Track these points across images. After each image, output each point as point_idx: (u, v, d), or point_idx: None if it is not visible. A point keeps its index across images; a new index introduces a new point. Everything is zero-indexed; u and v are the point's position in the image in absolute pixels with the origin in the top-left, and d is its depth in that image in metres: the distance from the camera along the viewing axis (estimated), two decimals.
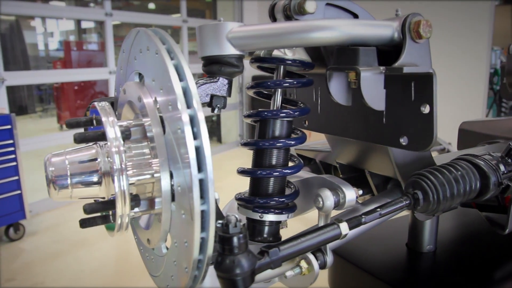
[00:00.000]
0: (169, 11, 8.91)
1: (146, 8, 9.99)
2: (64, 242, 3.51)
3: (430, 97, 0.72)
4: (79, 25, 10.83)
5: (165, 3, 9.84)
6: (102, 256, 3.24)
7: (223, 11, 7.01)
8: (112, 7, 4.73)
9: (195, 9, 8.66)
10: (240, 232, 0.59)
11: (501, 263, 1.02)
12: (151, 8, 9.92)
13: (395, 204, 0.73)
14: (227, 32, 0.71)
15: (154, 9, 9.97)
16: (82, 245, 3.40)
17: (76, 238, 3.51)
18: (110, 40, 4.76)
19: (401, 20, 0.74)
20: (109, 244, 3.38)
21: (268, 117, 0.79)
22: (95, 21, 5.38)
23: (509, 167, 0.88)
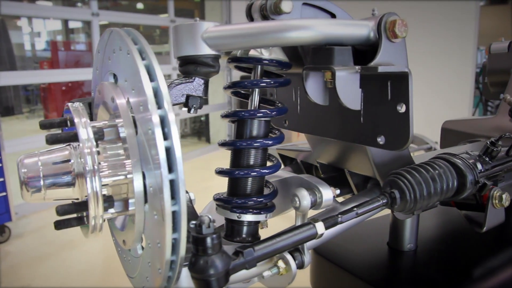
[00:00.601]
0: (157, 11, 8.88)
1: (134, 8, 9.95)
2: (51, 244, 3.48)
3: (406, 96, 0.72)
4: (67, 25, 10.76)
5: (153, 3, 9.81)
6: (89, 258, 3.22)
7: (211, 11, 7.00)
8: (100, 7, 4.70)
9: (184, 9, 8.64)
10: (213, 232, 0.59)
11: (480, 261, 1.02)
12: (139, 8, 9.89)
13: (372, 203, 0.73)
14: (202, 32, 0.70)
15: (142, 9, 9.93)
16: (69, 247, 3.38)
17: (63, 240, 3.48)
18: (97, 40, 4.72)
19: (377, 19, 0.74)
20: (96, 246, 3.36)
21: (245, 117, 0.78)
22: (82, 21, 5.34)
23: (486, 166, 0.89)
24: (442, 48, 5.45)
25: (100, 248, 3.36)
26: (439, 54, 5.50)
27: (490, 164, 0.90)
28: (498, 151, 0.90)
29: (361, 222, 0.90)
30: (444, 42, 5.43)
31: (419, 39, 5.66)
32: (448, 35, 5.39)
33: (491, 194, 0.88)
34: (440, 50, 5.47)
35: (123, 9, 9.53)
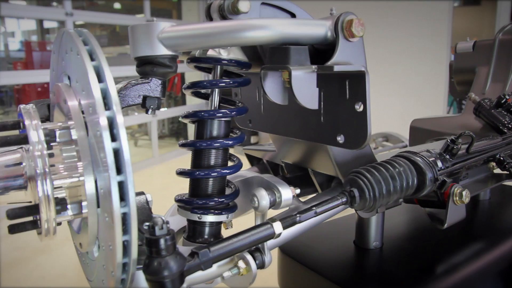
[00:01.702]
0: (135, 11, 8.80)
1: (111, 8, 9.84)
2: (25, 249, 3.42)
3: (363, 95, 0.72)
4: (42, 25, 10.59)
5: (131, 3, 9.71)
6: (64, 262, 3.17)
7: (187, 11, 6.97)
8: (75, 7, 4.64)
9: (162, 9, 8.58)
10: (167, 234, 0.58)
11: (444, 257, 1.04)
12: (117, 8, 9.79)
13: (331, 202, 0.74)
14: (158, 32, 0.70)
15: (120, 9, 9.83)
16: (43, 252, 3.33)
17: (37, 245, 3.42)
18: None
19: (334, 19, 0.74)
20: (71, 250, 3.31)
21: (205, 117, 0.78)
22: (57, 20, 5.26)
23: (446, 163, 0.90)
24: (416, 47, 5.51)
25: (75, 252, 3.31)
26: (413, 53, 5.56)
27: (451, 162, 0.91)
28: (458, 149, 0.91)
29: (324, 221, 0.90)
30: (418, 42, 5.50)
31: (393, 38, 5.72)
32: (422, 35, 5.46)
33: (451, 191, 0.89)
34: (415, 49, 5.54)
35: (100, 9, 9.42)
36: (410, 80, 5.71)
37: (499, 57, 1.43)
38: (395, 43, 5.74)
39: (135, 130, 7.84)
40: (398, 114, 5.40)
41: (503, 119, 1.22)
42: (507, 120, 1.21)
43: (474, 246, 1.11)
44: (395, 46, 5.76)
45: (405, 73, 5.74)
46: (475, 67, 1.50)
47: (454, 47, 1.58)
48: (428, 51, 5.45)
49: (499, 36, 1.44)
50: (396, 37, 5.68)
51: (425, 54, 5.48)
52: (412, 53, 5.61)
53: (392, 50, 5.81)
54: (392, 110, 5.63)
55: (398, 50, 5.72)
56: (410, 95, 5.69)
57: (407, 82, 5.75)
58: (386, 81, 5.92)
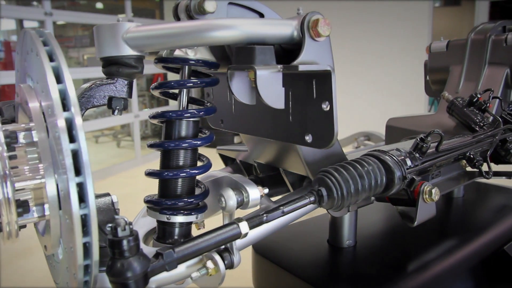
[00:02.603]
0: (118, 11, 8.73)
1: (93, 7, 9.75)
2: (4, 252, 3.37)
3: (329, 94, 0.72)
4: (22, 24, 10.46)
5: (113, 3, 9.63)
6: (45, 266, 3.13)
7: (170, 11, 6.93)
8: (56, 7, 4.59)
9: (145, 9, 8.53)
10: (130, 235, 0.58)
11: (416, 255, 1.05)
12: (99, 8, 9.70)
13: (298, 201, 0.74)
14: (123, 33, 0.70)
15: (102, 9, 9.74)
16: (23, 255, 3.28)
17: (17, 248, 3.38)
18: None
19: (300, 18, 0.75)
20: None
21: (172, 117, 0.78)
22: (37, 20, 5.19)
23: (416, 162, 0.91)
24: (397, 48, 5.57)
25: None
26: (395, 53, 5.62)
27: (420, 160, 0.92)
28: (427, 147, 0.92)
29: (296, 220, 0.91)
30: (399, 42, 5.55)
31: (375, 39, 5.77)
32: (403, 35, 5.51)
33: (421, 189, 0.90)
34: (396, 50, 5.59)
35: (81, 9, 9.33)
36: (392, 80, 5.76)
37: (471, 57, 1.45)
38: (377, 43, 5.78)
39: (117, 131, 7.80)
40: (380, 113, 5.44)
41: (474, 117, 1.23)
42: (478, 119, 1.22)
43: (446, 244, 1.12)
44: (377, 46, 5.80)
45: (387, 73, 5.79)
46: (449, 67, 1.52)
47: (429, 46, 1.60)
48: (409, 51, 5.50)
49: (471, 36, 1.46)
50: (377, 37, 5.73)
51: (406, 54, 5.53)
52: (393, 53, 5.67)
53: (374, 50, 5.86)
54: (374, 110, 5.68)
55: (380, 50, 5.77)
56: (392, 94, 5.74)
57: (389, 82, 5.80)
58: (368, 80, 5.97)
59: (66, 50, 7.96)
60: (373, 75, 5.96)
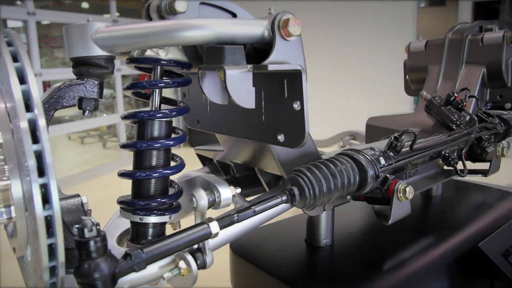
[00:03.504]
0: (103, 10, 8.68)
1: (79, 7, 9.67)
2: None
3: (300, 93, 0.73)
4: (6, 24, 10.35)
5: (99, 2, 9.56)
6: None
7: None
8: (40, 6, 4.55)
9: (131, 9, 8.49)
10: (97, 235, 0.58)
11: (393, 253, 1.05)
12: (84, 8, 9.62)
13: (270, 200, 0.74)
14: (92, 33, 0.69)
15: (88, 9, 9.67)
16: (6, 259, 3.25)
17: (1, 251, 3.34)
18: (34, 40, 4.58)
19: (271, 18, 0.75)
20: None
21: (145, 118, 0.78)
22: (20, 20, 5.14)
23: (390, 161, 0.91)
24: (383, 47, 5.61)
25: None
26: (380, 53, 5.66)
27: (395, 159, 0.93)
28: (401, 146, 0.93)
29: (271, 219, 0.91)
30: (385, 42, 5.60)
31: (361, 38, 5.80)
32: (388, 35, 5.56)
33: (395, 187, 0.90)
34: (382, 49, 5.63)
35: (66, 8, 9.25)
36: (377, 79, 5.80)
37: (449, 56, 1.47)
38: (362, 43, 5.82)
39: (103, 132, 7.75)
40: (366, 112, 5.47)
41: (451, 116, 1.24)
42: (455, 117, 1.24)
43: (423, 242, 1.13)
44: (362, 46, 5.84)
45: (372, 72, 5.82)
46: (427, 66, 1.53)
47: (408, 46, 1.61)
48: (394, 51, 5.53)
49: (448, 35, 1.48)
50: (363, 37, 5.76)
51: (391, 53, 5.57)
52: (379, 53, 5.71)
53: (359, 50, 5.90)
54: (360, 109, 5.71)
55: (366, 50, 5.81)
56: (378, 93, 5.78)
57: (374, 81, 5.84)
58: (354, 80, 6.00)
59: (52, 50, 7.88)
60: (359, 75, 5.99)
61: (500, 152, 1.25)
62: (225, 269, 1.15)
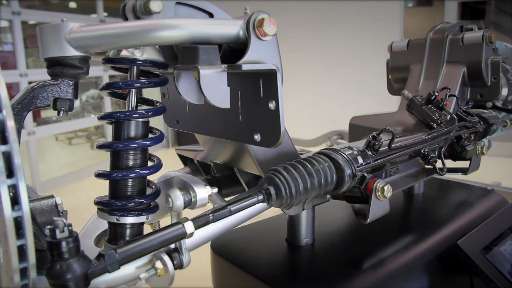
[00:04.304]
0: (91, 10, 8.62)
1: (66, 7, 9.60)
2: None
3: (275, 93, 0.73)
4: None
5: (87, 2, 9.50)
6: None
7: None
8: (27, 6, 4.51)
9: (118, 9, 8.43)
10: (69, 236, 0.58)
11: (373, 252, 1.06)
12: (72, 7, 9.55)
13: (246, 200, 0.74)
14: (66, 33, 0.69)
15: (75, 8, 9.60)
16: None
17: None
18: (20, 40, 4.55)
19: (246, 18, 0.75)
20: None
21: (121, 118, 0.77)
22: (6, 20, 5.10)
23: (368, 159, 0.92)
24: (370, 47, 5.64)
25: None
26: (368, 53, 5.69)
27: (373, 158, 0.93)
28: (379, 145, 0.94)
29: (249, 219, 0.91)
30: (372, 42, 5.62)
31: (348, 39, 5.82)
32: (375, 35, 5.59)
33: (374, 186, 0.91)
34: (369, 49, 5.66)
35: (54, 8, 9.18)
36: (365, 79, 5.82)
37: (430, 55, 1.48)
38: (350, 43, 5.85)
39: (91, 133, 7.71)
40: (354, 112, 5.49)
41: (432, 115, 1.25)
42: (436, 116, 1.25)
43: (404, 240, 1.14)
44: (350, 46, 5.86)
45: (360, 72, 5.85)
46: (409, 65, 1.54)
47: (390, 46, 1.62)
48: (382, 51, 5.55)
49: (430, 35, 1.49)
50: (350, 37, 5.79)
51: (379, 53, 5.59)
52: (367, 52, 5.74)
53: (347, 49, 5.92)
54: (348, 108, 5.73)
55: (354, 50, 5.83)
56: (365, 93, 5.81)
57: (362, 81, 5.86)
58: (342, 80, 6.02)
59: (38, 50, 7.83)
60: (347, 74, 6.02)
61: (480, 150, 1.27)
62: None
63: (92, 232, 0.90)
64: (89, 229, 0.90)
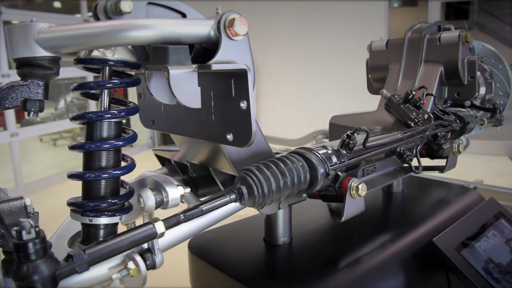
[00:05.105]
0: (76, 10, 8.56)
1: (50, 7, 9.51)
2: None
3: (246, 93, 0.73)
4: None
5: (72, 2, 9.42)
6: None
7: None
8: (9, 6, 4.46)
9: None
10: (35, 237, 0.57)
11: (350, 250, 1.07)
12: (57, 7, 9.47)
13: (218, 199, 0.74)
14: (34, 33, 0.69)
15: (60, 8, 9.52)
16: None
17: None
18: (1, 40, 4.49)
19: (217, 18, 0.75)
20: None
21: (93, 119, 0.77)
22: None
23: (342, 158, 0.92)
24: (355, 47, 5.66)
25: None
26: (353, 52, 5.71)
27: (348, 156, 0.94)
28: (354, 144, 0.94)
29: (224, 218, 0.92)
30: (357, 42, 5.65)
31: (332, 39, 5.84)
32: (360, 34, 5.62)
33: (348, 185, 0.92)
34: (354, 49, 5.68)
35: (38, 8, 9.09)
36: (350, 78, 5.85)
37: (408, 55, 1.49)
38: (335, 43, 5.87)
39: (76, 134, 7.65)
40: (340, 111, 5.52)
41: (410, 114, 1.27)
42: (413, 115, 1.26)
43: (381, 238, 1.14)
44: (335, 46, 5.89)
45: (346, 71, 5.88)
46: (388, 64, 1.56)
47: (369, 45, 1.64)
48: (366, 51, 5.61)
49: (408, 35, 1.50)
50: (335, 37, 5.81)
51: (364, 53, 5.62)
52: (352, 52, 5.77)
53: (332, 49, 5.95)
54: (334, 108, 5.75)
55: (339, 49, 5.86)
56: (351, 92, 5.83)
57: (347, 80, 5.89)
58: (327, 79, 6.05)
59: None
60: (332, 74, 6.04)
61: (457, 148, 1.28)
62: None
63: (67, 233, 0.89)
64: (64, 230, 0.89)
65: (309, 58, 6.28)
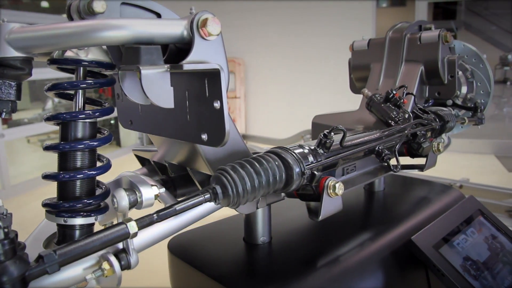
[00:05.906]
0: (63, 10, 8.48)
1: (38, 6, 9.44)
2: None
3: (219, 93, 0.73)
4: None
5: (61, 2, 9.35)
6: None
7: None
8: None
9: None
10: (4, 238, 0.57)
11: (330, 249, 1.07)
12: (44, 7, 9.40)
13: (193, 199, 0.74)
14: (5, 34, 0.68)
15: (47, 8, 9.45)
16: None
17: None
18: None
19: (190, 18, 0.75)
20: None
21: (67, 119, 0.77)
22: None
23: (319, 157, 0.93)
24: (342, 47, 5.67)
25: None
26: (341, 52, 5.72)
27: (325, 156, 0.94)
28: (331, 143, 0.95)
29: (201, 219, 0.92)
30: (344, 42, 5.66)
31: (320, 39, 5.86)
32: (347, 34, 5.63)
33: (325, 184, 0.92)
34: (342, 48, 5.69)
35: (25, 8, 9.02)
36: (338, 78, 5.87)
37: (389, 54, 1.50)
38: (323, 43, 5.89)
39: None
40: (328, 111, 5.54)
41: (390, 113, 1.28)
42: (394, 114, 1.27)
43: (361, 237, 1.15)
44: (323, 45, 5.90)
45: (333, 71, 5.90)
46: (370, 64, 1.57)
47: (352, 45, 1.65)
48: None
49: (389, 34, 1.51)
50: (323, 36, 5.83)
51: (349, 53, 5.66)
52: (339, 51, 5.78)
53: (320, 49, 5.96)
54: (322, 107, 5.77)
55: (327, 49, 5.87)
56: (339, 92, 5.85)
57: (335, 80, 5.91)
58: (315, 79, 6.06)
59: None
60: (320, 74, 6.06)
61: (436, 147, 1.29)
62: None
63: (44, 235, 0.89)
64: (41, 231, 0.89)
65: (298, 58, 6.29)
